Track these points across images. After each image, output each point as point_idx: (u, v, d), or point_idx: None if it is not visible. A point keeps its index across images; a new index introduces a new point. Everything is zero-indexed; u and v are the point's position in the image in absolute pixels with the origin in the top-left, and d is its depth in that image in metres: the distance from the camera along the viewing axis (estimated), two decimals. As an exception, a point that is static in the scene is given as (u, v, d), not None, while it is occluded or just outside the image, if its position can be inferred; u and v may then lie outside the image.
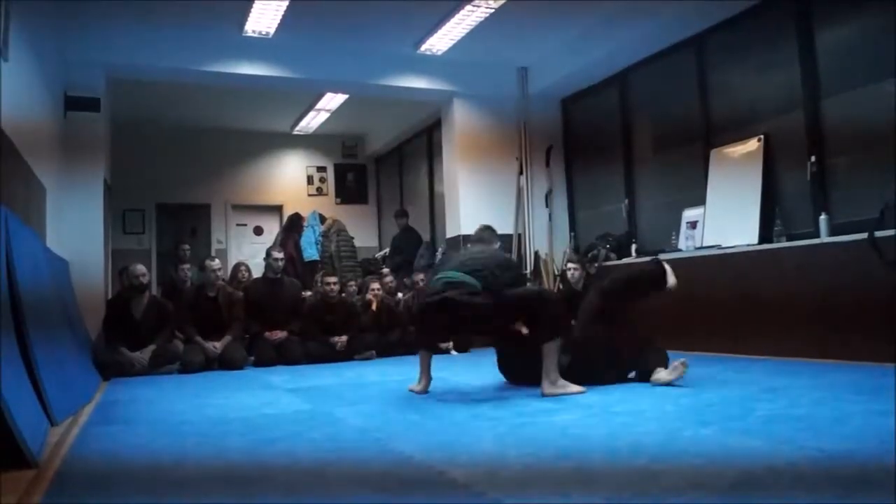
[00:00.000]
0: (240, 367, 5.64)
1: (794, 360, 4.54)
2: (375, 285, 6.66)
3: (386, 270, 7.78)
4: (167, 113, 8.92)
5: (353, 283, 6.71)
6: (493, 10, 6.07)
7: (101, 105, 6.16)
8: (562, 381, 3.47)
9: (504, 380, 4.05)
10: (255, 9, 5.94)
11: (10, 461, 2.16)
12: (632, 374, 3.86)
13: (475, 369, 4.99)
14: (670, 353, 5.50)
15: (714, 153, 5.77)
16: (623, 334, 3.81)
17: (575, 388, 3.47)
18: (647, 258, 6.48)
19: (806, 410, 2.73)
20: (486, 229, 4.40)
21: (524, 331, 3.81)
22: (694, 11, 5.67)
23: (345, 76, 7.11)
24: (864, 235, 4.29)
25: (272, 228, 10.18)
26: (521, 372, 3.87)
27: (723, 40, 5.86)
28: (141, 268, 5.63)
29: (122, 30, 6.07)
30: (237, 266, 7.53)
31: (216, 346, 5.66)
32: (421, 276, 6.96)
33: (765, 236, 5.14)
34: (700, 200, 5.79)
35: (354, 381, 4.51)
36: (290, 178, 10.43)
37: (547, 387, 3.44)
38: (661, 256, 5.98)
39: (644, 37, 6.19)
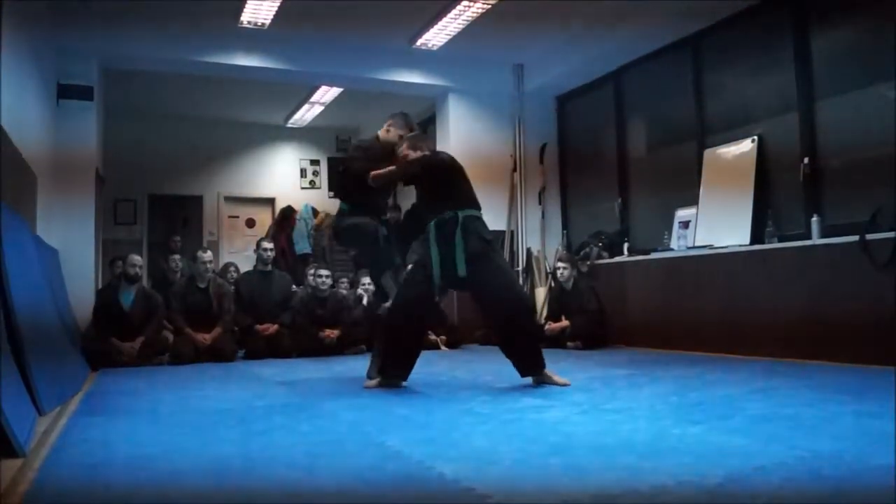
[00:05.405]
0: (230, 360, 5.63)
1: (783, 361, 4.56)
2: (367, 279, 6.64)
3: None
4: (161, 103, 8.86)
5: (344, 278, 6.70)
6: (489, 6, 6.05)
7: (94, 94, 6.13)
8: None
9: (494, 377, 4.05)
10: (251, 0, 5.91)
11: (-3, 450, 2.15)
12: None
13: (466, 365, 5.00)
14: (660, 352, 5.56)
15: (707, 153, 5.78)
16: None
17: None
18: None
19: (795, 410, 2.74)
20: None
21: None
22: (690, 12, 5.67)
23: (340, 69, 7.09)
24: (856, 238, 4.31)
25: (264, 221, 10.14)
26: None
27: (718, 41, 5.87)
28: (138, 258, 5.69)
29: (117, 18, 6.02)
30: (226, 266, 7.53)
31: (206, 338, 5.64)
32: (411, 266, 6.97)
33: (756, 237, 5.16)
34: (693, 200, 5.80)
35: (345, 375, 4.50)
36: (283, 171, 10.40)
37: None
38: (653, 256, 6.03)
39: (639, 36, 6.19)
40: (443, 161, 3.83)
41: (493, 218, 7.20)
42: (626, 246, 6.57)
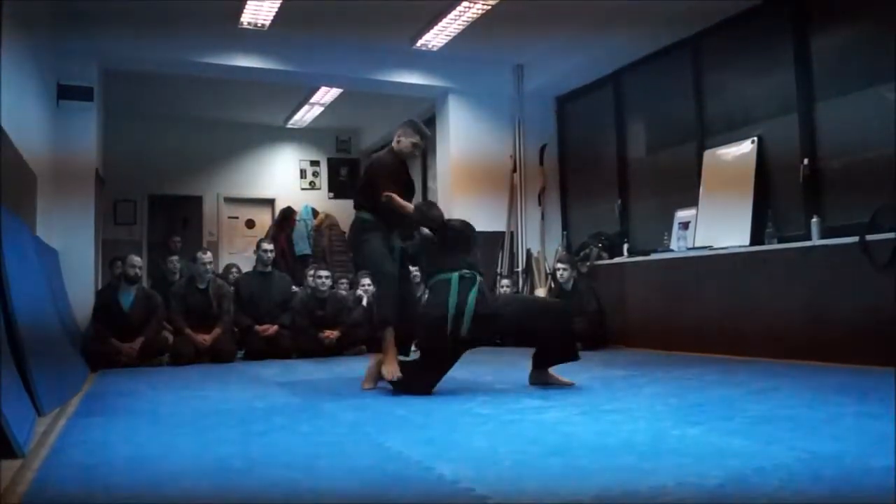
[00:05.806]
0: (230, 361, 5.63)
1: (783, 362, 4.56)
2: (366, 280, 6.64)
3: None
4: (160, 103, 8.86)
5: (344, 279, 6.70)
6: (489, 7, 6.06)
7: (95, 94, 6.13)
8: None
9: (494, 377, 4.05)
10: (251, 1, 5.91)
11: (-3, 451, 2.15)
12: None
13: (466, 365, 4.99)
14: (660, 353, 5.57)
15: (707, 154, 5.78)
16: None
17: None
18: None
19: (795, 411, 2.74)
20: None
21: None
22: (690, 13, 5.67)
23: (340, 70, 7.09)
24: (856, 239, 4.31)
25: (264, 222, 10.15)
26: None
27: (718, 42, 5.87)
28: (137, 259, 5.69)
29: (117, 19, 6.02)
30: (228, 267, 7.53)
31: (206, 338, 5.64)
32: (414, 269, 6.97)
33: (756, 238, 5.16)
34: (693, 201, 5.80)
35: (344, 376, 4.50)
36: (282, 172, 10.39)
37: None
38: (653, 257, 6.03)
39: (639, 37, 6.19)
40: (466, 227, 4.02)
41: (493, 219, 7.30)
42: (625, 247, 6.57)
